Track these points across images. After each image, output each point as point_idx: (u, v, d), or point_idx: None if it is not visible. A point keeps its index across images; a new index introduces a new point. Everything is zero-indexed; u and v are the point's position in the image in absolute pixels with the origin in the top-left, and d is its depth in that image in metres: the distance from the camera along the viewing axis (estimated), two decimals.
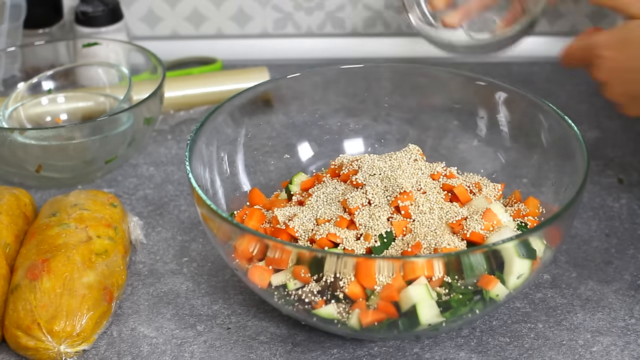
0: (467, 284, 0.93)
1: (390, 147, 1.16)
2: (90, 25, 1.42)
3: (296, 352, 0.99)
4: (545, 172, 1.09)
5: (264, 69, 1.42)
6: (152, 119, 1.25)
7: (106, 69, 1.33)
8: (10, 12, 1.34)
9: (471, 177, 1.09)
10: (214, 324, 1.03)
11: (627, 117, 1.17)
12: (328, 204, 1.03)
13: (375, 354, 0.98)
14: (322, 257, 0.92)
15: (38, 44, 1.36)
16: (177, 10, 1.54)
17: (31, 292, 0.97)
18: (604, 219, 1.17)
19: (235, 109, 1.12)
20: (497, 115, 1.14)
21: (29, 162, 1.21)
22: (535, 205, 1.05)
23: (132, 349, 1.00)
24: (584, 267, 1.09)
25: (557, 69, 1.51)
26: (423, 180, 1.04)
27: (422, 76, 1.19)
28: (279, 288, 0.95)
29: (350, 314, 0.93)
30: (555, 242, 0.97)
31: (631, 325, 1.02)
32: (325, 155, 1.17)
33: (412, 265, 0.91)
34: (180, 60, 1.51)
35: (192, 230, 1.16)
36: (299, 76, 1.16)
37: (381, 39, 1.55)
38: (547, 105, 1.07)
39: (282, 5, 1.53)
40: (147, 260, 1.12)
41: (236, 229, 0.95)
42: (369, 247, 0.98)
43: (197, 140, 1.05)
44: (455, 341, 1.00)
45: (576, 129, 1.03)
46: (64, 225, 1.05)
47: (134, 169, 1.28)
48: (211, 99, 1.39)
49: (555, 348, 0.99)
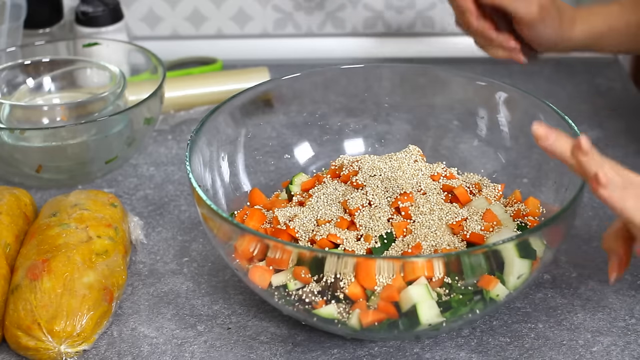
0: (467, 284, 0.93)
1: (390, 147, 1.16)
2: (90, 25, 1.42)
3: (296, 352, 0.99)
4: (545, 172, 1.09)
5: (264, 69, 1.42)
6: (152, 119, 1.25)
7: (105, 68, 1.33)
8: (10, 12, 1.34)
9: (471, 177, 1.09)
10: (214, 324, 1.03)
11: (627, 117, 1.17)
12: (328, 205, 1.03)
13: (375, 354, 0.98)
14: (322, 257, 0.92)
15: (38, 44, 1.36)
16: (177, 10, 1.54)
17: (31, 292, 0.97)
18: (604, 219, 1.17)
19: (235, 109, 1.12)
20: (497, 115, 1.14)
21: (29, 163, 1.21)
22: (535, 205, 1.05)
23: (133, 349, 1.00)
24: (584, 267, 1.09)
25: (557, 69, 1.51)
26: (423, 181, 1.04)
27: (422, 76, 1.19)
28: (279, 288, 0.95)
29: (351, 314, 0.93)
30: (556, 242, 0.97)
31: (631, 325, 1.02)
32: (325, 155, 1.18)
33: (412, 266, 0.91)
34: (180, 60, 1.52)
35: (193, 231, 1.16)
36: (299, 76, 1.16)
37: (381, 39, 1.55)
38: (547, 105, 1.07)
39: (282, 5, 1.53)
40: (148, 260, 1.12)
41: (236, 229, 0.95)
42: (369, 248, 0.98)
43: (197, 140, 1.05)
44: (455, 341, 1.00)
45: (576, 129, 1.03)
46: (64, 225, 1.05)
47: (134, 169, 1.28)
48: (211, 99, 1.39)
49: (556, 348, 0.99)
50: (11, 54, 1.33)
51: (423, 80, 1.19)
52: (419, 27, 1.55)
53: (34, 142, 1.20)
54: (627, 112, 1.39)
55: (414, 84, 1.19)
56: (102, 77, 1.32)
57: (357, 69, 1.19)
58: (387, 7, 1.53)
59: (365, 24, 1.55)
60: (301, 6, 1.53)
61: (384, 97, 1.20)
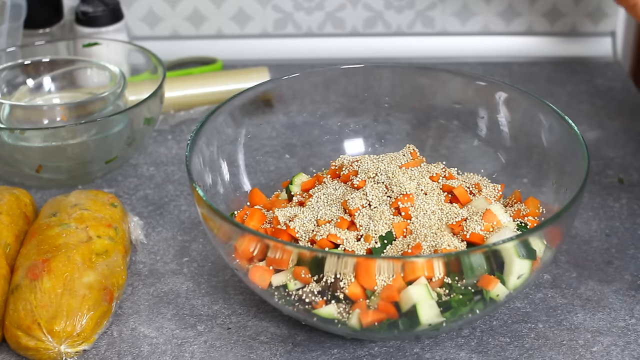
0: (467, 284, 0.93)
1: (390, 147, 1.16)
2: (90, 26, 1.42)
3: (296, 352, 0.99)
4: (545, 172, 1.09)
5: (264, 69, 1.42)
6: (152, 119, 1.25)
7: (105, 68, 1.33)
8: (10, 12, 1.34)
9: (471, 177, 1.09)
10: (214, 324, 1.03)
11: (627, 117, 1.17)
12: (328, 205, 1.03)
13: (375, 354, 0.98)
14: (322, 257, 0.92)
15: (38, 44, 1.36)
16: (177, 10, 1.54)
17: (31, 292, 0.98)
18: (604, 219, 1.17)
19: (235, 109, 1.12)
20: (497, 115, 1.14)
21: (29, 163, 1.21)
22: (535, 206, 1.05)
23: (133, 349, 1.00)
24: (584, 267, 1.09)
25: (558, 69, 1.51)
26: (423, 181, 1.04)
27: (422, 76, 1.19)
28: (279, 288, 0.96)
29: (351, 314, 0.93)
30: (556, 242, 0.97)
31: (631, 325, 1.02)
32: (325, 155, 1.18)
33: (412, 266, 0.91)
34: (180, 60, 1.52)
35: (193, 230, 1.16)
36: (299, 76, 1.16)
37: (381, 39, 1.55)
38: (547, 105, 1.07)
39: (282, 5, 1.53)
40: (148, 260, 1.12)
41: (237, 229, 0.95)
42: (370, 248, 0.98)
43: (197, 140, 1.05)
44: (455, 341, 1.00)
45: (576, 129, 1.03)
46: (64, 225, 1.05)
47: (134, 169, 1.28)
48: (211, 99, 1.39)
49: (556, 348, 0.99)
50: (11, 54, 1.33)
51: (423, 80, 1.19)
52: (418, 27, 1.55)
53: (34, 142, 1.20)
54: (627, 112, 1.39)
55: (414, 84, 1.19)
56: (102, 77, 1.32)
57: (357, 69, 1.19)
58: (387, 7, 1.53)
59: (365, 24, 1.55)
60: (301, 6, 1.53)
61: (384, 97, 1.20)
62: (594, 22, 1.53)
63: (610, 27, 1.54)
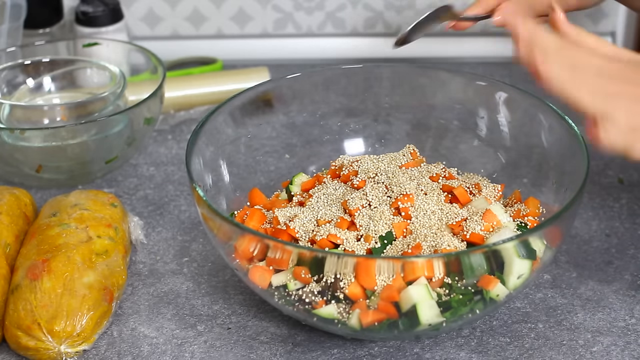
0: (467, 284, 0.93)
1: (390, 147, 1.16)
2: (90, 26, 1.42)
3: (296, 352, 0.99)
4: (545, 172, 1.09)
5: (264, 69, 1.42)
6: (152, 119, 1.25)
7: (105, 68, 1.33)
8: (10, 12, 1.34)
9: (471, 177, 1.09)
10: (214, 324, 1.03)
11: None
12: (328, 205, 1.03)
13: (375, 354, 0.98)
14: (322, 257, 0.92)
15: (38, 44, 1.36)
16: (177, 10, 1.54)
17: (31, 292, 0.98)
18: (604, 219, 1.17)
19: (235, 109, 1.12)
20: (497, 115, 1.14)
21: (29, 163, 1.21)
22: (535, 206, 1.05)
23: (133, 349, 1.00)
24: (584, 267, 1.09)
25: None
26: (423, 181, 1.04)
27: (422, 76, 1.19)
28: (279, 288, 0.96)
29: (351, 314, 0.93)
30: (556, 242, 0.97)
31: (631, 325, 1.02)
32: (325, 155, 1.18)
33: (412, 266, 0.91)
34: (180, 60, 1.52)
35: (193, 230, 1.16)
36: (299, 76, 1.16)
37: (381, 39, 1.55)
38: (547, 105, 1.07)
39: (282, 5, 1.53)
40: (148, 260, 1.12)
41: (237, 229, 0.95)
42: (370, 248, 0.98)
43: (197, 140, 1.05)
44: (455, 341, 1.00)
45: (576, 129, 1.03)
46: (64, 225, 1.05)
47: (134, 169, 1.28)
48: (211, 99, 1.39)
49: (556, 348, 0.99)
50: (11, 54, 1.33)
51: (423, 80, 1.19)
52: None
53: (34, 142, 1.20)
54: None
55: (414, 84, 1.19)
56: (102, 77, 1.32)
57: (357, 69, 1.19)
58: (387, 7, 1.53)
59: (365, 24, 1.55)
60: (301, 6, 1.53)
61: (383, 97, 1.20)
62: (594, 22, 1.53)
63: (610, 27, 1.54)
